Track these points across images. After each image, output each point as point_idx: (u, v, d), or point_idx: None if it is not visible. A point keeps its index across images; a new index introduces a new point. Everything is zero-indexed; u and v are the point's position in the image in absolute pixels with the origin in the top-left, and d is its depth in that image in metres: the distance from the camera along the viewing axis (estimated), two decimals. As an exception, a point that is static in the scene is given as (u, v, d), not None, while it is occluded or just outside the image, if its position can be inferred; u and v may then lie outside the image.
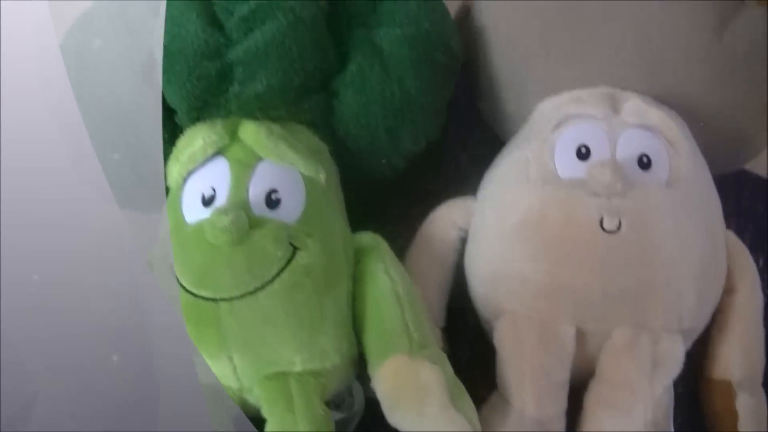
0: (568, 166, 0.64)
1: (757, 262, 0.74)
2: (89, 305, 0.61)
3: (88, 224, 0.62)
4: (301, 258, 0.58)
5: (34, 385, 0.60)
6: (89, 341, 0.60)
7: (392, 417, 0.57)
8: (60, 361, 0.60)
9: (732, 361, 0.65)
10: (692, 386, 0.68)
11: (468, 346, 0.70)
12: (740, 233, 0.75)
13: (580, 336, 0.60)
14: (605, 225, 0.60)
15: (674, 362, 0.60)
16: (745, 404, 0.63)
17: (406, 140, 0.67)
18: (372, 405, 0.59)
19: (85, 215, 0.64)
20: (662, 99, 0.68)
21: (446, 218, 0.69)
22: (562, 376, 0.60)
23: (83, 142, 0.63)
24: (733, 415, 0.64)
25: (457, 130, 0.78)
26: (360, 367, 0.61)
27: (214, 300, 0.56)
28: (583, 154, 0.64)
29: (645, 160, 0.63)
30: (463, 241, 0.68)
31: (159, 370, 0.59)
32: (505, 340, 0.62)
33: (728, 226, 0.74)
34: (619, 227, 0.60)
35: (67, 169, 0.64)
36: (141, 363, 0.60)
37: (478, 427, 0.57)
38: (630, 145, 0.64)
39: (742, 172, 0.84)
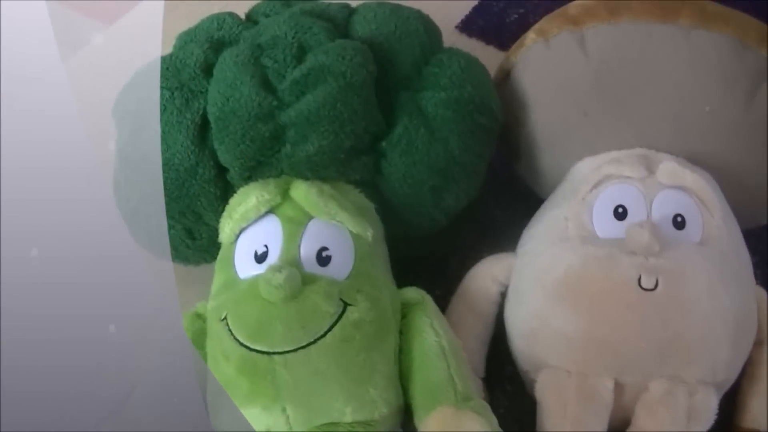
0: (606, 226, 0.67)
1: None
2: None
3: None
4: (351, 313, 0.60)
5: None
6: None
7: (440, 466, 0.58)
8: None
9: (761, 411, 0.67)
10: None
11: (504, 395, 0.72)
12: (765, 284, 0.78)
13: (618, 388, 0.62)
14: (643, 283, 0.61)
15: (708, 414, 0.62)
16: None
17: (450, 199, 0.70)
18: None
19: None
20: (694, 160, 0.70)
21: (487, 273, 0.71)
22: (600, 428, 0.62)
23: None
24: None
25: (492, 187, 0.81)
26: (404, 416, 0.63)
27: (269, 354, 0.58)
28: (620, 213, 0.67)
29: (680, 219, 0.66)
30: (503, 296, 0.71)
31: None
32: (546, 392, 0.64)
33: (756, 278, 0.77)
34: (656, 286, 0.62)
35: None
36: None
37: (521, 476, 0.58)
38: (665, 205, 0.67)
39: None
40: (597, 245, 0.65)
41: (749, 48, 0.66)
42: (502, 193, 0.80)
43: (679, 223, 0.66)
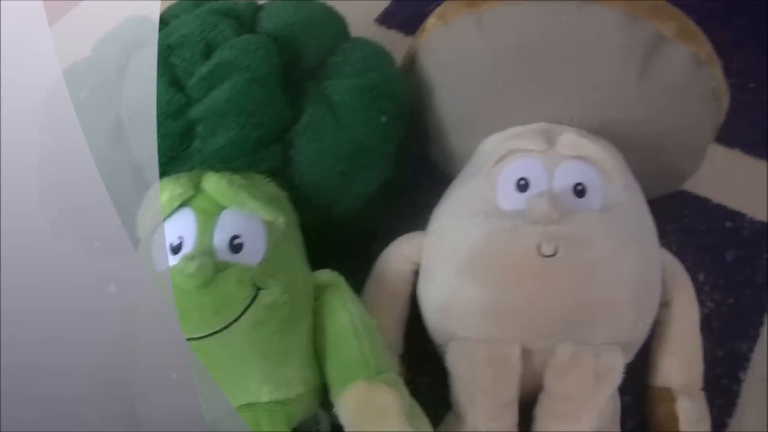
0: (509, 199, 0.69)
1: (698, 277, 0.80)
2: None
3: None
4: (263, 297, 0.62)
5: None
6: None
7: (356, 440, 0.61)
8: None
9: (671, 370, 0.70)
10: (639, 395, 0.73)
11: (427, 371, 0.74)
12: (682, 250, 0.81)
13: (526, 354, 0.64)
14: (543, 250, 0.64)
15: (615, 373, 0.64)
16: (684, 408, 0.68)
17: (360, 183, 0.72)
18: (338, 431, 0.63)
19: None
20: (597, 131, 0.73)
21: (399, 253, 0.73)
22: (511, 393, 0.64)
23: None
24: (674, 418, 0.68)
25: (411, 171, 0.83)
26: (324, 395, 0.65)
27: (187, 340, 0.60)
28: (522, 186, 0.69)
29: (580, 188, 0.68)
30: (416, 274, 0.73)
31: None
32: (457, 362, 0.66)
33: (671, 243, 0.80)
34: (556, 252, 0.64)
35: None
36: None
37: (435, 445, 0.61)
38: (566, 175, 0.69)
39: (684, 193, 0.89)
40: (501, 218, 0.67)
41: (639, 20, 0.68)
42: (421, 176, 0.82)
43: (579, 191, 0.68)
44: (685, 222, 0.87)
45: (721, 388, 0.75)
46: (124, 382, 0.64)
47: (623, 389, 0.69)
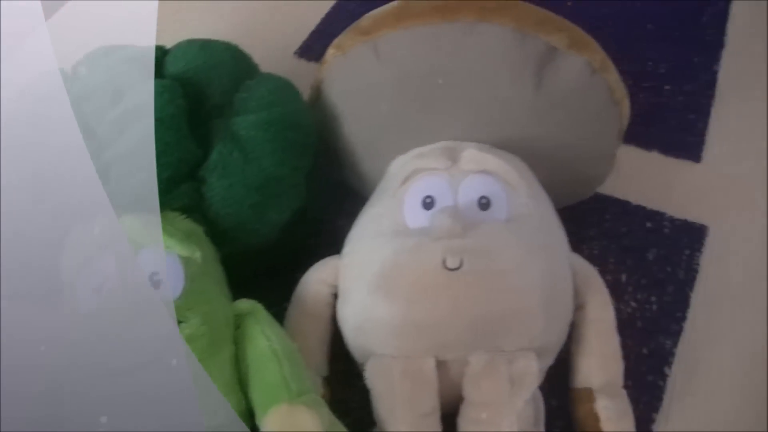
0: (416, 217, 0.72)
1: (621, 278, 0.82)
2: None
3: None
4: (183, 330, 0.64)
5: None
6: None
7: (281, 462, 0.63)
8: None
9: (590, 371, 0.72)
10: (565, 398, 0.74)
11: (357, 390, 0.75)
12: (604, 253, 0.84)
13: (442, 366, 0.67)
14: (448, 264, 0.66)
15: (530, 378, 0.66)
16: (605, 407, 0.69)
17: (272, 213, 0.75)
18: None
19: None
20: (502, 146, 0.76)
21: (316, 277, 0.76)
22: (429, 405, 0.66)
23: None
24: (595, 417, 0.69)
25: (333, 198, 0.86)
26: (251, 420, 0.67)
27: None
28: (428, 203, 0.72)
29: (484, 201, 0.71)
30: (335, 297, 0.75)
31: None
32: (375, 379, 0.68)
33: (593, 248, 0.82)
34: (461, 265, 0.66)
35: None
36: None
37: (358, 461, 0.63)
38: (470, 189, 0.72)
39: (604, 197, 0.92)
40: (408, 236, 0.70)
41: (528, 34, 0.71)
42: (343, 203, 0.84)
43: (484, 204, 0.71)
44: (606, 225, 0.90)
45: (647, 384, 0.78)
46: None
47: (550, 393, 0.72)
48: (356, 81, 0.76)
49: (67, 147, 0.71)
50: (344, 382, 0.76)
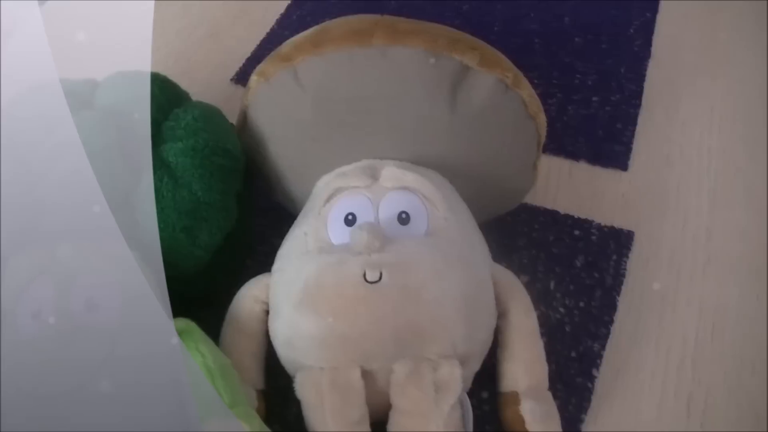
0: (339, 234, 0.75)
1: (549, 285, 0.87)
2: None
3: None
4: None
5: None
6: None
7: (217, 474, 0.66)
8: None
9: (515, 375, 0.75)
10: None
11: (294, 404, 0.77)
12: (533, 262, 0.88)
13: (368, 375, 0.70)
14: (368, 277, 0.70)
15: (454, 384, 0.69)
16: (530, 409, 0.72)
17: (204, 236, 0.78)
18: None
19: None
20: (421, 162, 0.80)
21: (249, 295, 0.79)
22: (358, 413, 0.70)
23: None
24: (520, 419, 0.73)
25: (269, 219, 0.90)
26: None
27: None
28: (350, 220, 0.75)
29: (404, 216, 0.75)
30: (267, 313, 0.78)
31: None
32: (304, 390, 0.71)
33: (522, 257, 0.86)
34: (380, 278, 0.70)
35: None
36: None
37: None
38: (390, 206, 0.75)
39: (533, 208, 0.96)
40: (330, 252, 0.73)
41: (441, 55, 0.74)
42: (279, 224, 0.87)
43: (404, 219, 0.74)
44: (535, 235, 0.94)
45: (576, 386, 0.81)
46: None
47: (481, 400, 0.77)
48: (279, 106, 0.80)
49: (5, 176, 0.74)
50: (284, 397, 0.78)
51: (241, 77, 1.20)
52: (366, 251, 0.71)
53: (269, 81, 0.79)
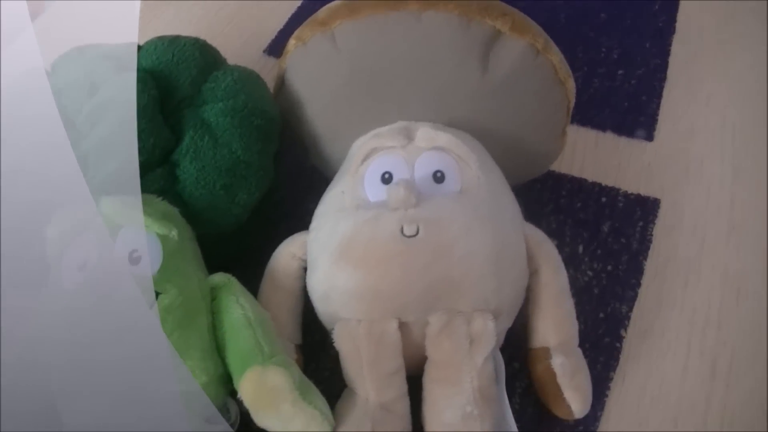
0: (375, 192, 0.79)
1: (577, 249, 0.90)
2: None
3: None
4: (161, 300, 0.72)
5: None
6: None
7: (259, 421, 0.71)
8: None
9: (546, 331, 0.79)
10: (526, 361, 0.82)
11: (328, 360, 0.83)
12: (561, 227, 0.92)
13: (404, 327, 0.73)
14: (405, 231, 0.73)
15: (488, 336, 0.73)
16: (560, 363, 0.76)
17: (242, 194, 0.82)
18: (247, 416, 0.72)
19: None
20: (453, 125, 0.84)
21: (286, 252, 0.83)
22: (395, 364, 0.74)
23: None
24: (551, 373, 0.76)
25: (304, 183, 0.95)
26: (231, 386, 0.74)
27: None
28: (386, 179, 0.79)
29: (439, 175, 0.78)
30: (305, 269, 0.82)
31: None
32: (341, 341, 0.75)
33: (550, 222, 0.90)
34: (417, 232, 0.73)
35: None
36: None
37: (329, 415, 0.71)
38: (425, 165, 0.79)
39: (560, 176, 1.01)
40: (367, 209, 0.77)
41: (473, 20, 0.78)
42: (312, 187, 0.90)
43: (438, 178, 0.78)
44: (562, 201, 0.98)
45: (604, 346, 0.85)
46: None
47: (512, 356, 0.80)
48: (316, 69, 0.84)
49: (49, 139, 0.78)
50: (319, 351, 0.83)
51: (273, 49, 1.25)
52: (403, 207, 0.75)
53: (306, 45, 0.83)
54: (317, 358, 0.83)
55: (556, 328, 0.79)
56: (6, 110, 0.82)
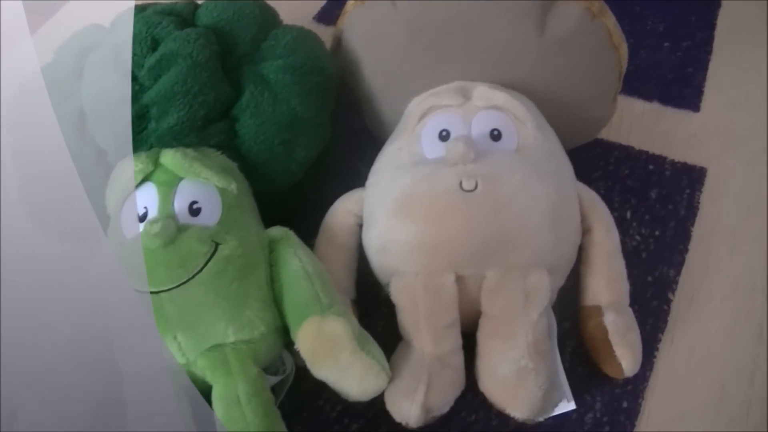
0: (433, 149, 0.81)
1: (625, 214, 0.92)
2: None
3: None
4: (222, 251, 0.74)
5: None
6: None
7: (316, 372, 0.73)
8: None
9: (597, 289, 0.80)
10: (576, 320, 0.83)
11: (380, 316, 0.85)
12: (609, 193, 0.93)
13: (461, 281, 0.75)
14: (464, 186, 0.75)
15: (543, 291, 0.74)
16: (612, 321, 0.77)
17: (300, 150, 0.84)
18: (302, 370, 0.74)
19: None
20: (509, 86, 0.85)
21: (342, 208, 0.85)
22: (451, 317, 0.75)
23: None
24: (603, 329, 0.77)
25: (354, 146, 0.96)
26: (287, 338, 0.76)
27: (157, 293, 0.72)
28: (444, 136, 0.81)
29: (496, 133, 0.80)
30: (360, 226, 0.84)
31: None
32: (399, 294, 0.77)
33: (598, 188, 0.91)
34: (476, 187, 0.75)
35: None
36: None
37: (387, 366, 0.73)
38: (482, 123, 0.81)
39: (608, 143, 1.02)
40: (425, 165, 0.79)
41: None
42: (363, 150, 0.92)
43: (495, 136, 0.80)
44: (610, 168, 1.00)
45: (653, 309, 0.87)
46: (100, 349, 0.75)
47: (563, 316, 0.82)
48: (374, 29, 0.85)
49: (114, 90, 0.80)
50: (370, 309, 0.85)
51: (324, 16, 1.27)
52: (462, 161, 0.76)
53: (365, 5, 0.84)
54: (371, 314, 0.85)
55: (608, 286, 0.80)
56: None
